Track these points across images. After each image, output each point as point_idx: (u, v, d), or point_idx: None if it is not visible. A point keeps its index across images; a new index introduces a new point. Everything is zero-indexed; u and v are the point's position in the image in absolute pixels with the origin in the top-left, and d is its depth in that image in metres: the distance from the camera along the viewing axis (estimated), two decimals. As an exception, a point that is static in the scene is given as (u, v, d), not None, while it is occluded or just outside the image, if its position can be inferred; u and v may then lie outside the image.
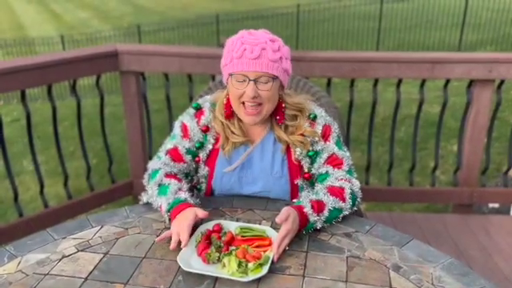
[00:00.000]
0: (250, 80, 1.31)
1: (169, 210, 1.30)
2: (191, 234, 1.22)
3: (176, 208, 1.28)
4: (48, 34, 12.84)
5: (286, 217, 1.21)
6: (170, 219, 1.31)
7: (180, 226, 1.22)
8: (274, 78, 1.33)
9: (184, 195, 1.32)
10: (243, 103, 1.35)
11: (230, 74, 1.35)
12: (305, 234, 1.28)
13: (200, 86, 3.12)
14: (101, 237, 1.30)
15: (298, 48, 10.87)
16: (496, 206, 3.57)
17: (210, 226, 1.29)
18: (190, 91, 2.80)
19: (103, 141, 2.95)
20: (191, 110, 1.48)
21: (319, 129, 1.42)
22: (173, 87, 2.92)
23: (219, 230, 1.26)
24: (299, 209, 1.25)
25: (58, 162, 2.82)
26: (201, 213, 1.26)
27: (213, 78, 2.67)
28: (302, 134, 1.41)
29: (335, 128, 1.44)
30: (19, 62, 2.46)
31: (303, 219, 1.25)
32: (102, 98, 2.84)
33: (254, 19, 12.80)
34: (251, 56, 1.30)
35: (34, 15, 19.98)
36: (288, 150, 1.44)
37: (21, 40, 11.16)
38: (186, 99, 2.76)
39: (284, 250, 1.20)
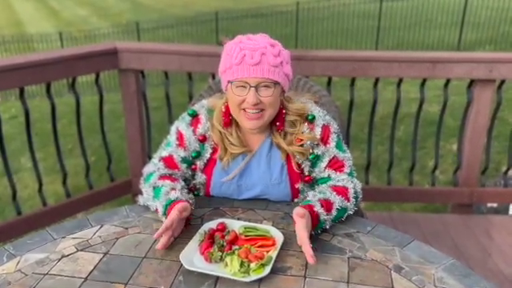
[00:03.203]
0: (250, 87, 1.28)
1: (164, 213, 1.29)
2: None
3: (169, 209, 1.27)
4: (46, 30, 12.80)
5: (304, 213, 1.19)
6: None
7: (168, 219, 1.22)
8: (276, 83, 1.30)
9: (175, 194, 1.30)
10: (244, 109, 1.31)
11: (230, 82, 1.31)
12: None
13: (199, 84, 3.11)
14: (100, 236, 1.29)
15: (297, 46, 10.87)
16: (494, 205, 3.57)
17: (214, 224, 1.28)
18: (190, 89, 2.79)
19: (102, 138, 2.94)
20: (187, 118, 1.43)
21: (318, 131, 1.39)
22: (172, 85, 2.91)
23: (223, 228, 1.26)
24: (310, 208, 1.23)
25: (56, 159, 2.81)
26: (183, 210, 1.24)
27: (213, 76, 2.66)
28: (301, 140, 1.38)
29: (334, 127, 1.42)
30: (18, 60, 2.44)
31: (314, 219, 1.23)
32: (101, 96, 2.82)
33: (254, 17, 12.80)
34: (251, 62, 1.26)
35: (32, 12, 19.93)
36: (287, 156, 1.41)
37: (19, 37, 11.14)
38: (184, 97, 2.75)
39: (285, 251, 1.19)
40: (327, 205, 1.27)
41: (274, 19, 12.34)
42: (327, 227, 1.28)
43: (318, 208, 1.24)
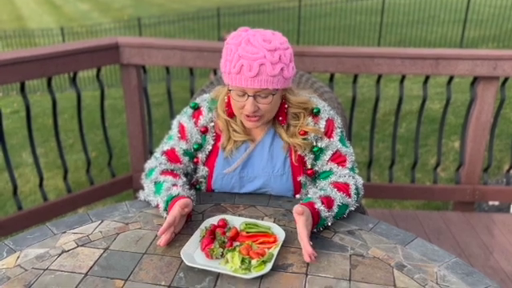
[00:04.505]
0: (249, 96, 1.28)
1: (165, 209, 1.29)
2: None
3: (170, 205, 1.26)
4: (47, 25, 12.79)
5: (302, 211, 1.18)
6: None
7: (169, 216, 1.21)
8: (275, 91, 1.29)
9: (177, 190, 1.30)
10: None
11: (229, 89, 1.31)
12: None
13: (201, 79, 3.10)
14: (101, 232, 1.28)
15: (299, 43, 10.84)
16: (496, 203, 3.56)
17: (215, 220, 1.27)
18: (191, 85, 2.77)
19: (103, 134, 2.93)
20: (189, 110, 1.44)
21: (322, 123, 1.39)
22: (172, 81, 2.90)
23: (224, 225, 1.25)
24: (310, 205, 1.23)
25: (57, 154, 2.81)
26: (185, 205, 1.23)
27: (214, 71, 2.65)
28: (305, 132, 1.38)
29: (338, 122, 1.42)
30: (19, 54, 2.43)
31: (315, 216, 1.22)
32: (102, 91, 2.81)
33: (256, 13, 12.76)
34: (249, 74, 1.24)
35: (34, 6, 19.91)
36: (289, 148, 1.41)
37: (20, 32, 11.12)
38: (186, 93, 2.74)
39: (287, 248, 1.18)
40: (328, 202, 1.26)
41: (276, 15, 12.31)
42: (329, 224, 1.28)
43: (318, 205, 1.24)
